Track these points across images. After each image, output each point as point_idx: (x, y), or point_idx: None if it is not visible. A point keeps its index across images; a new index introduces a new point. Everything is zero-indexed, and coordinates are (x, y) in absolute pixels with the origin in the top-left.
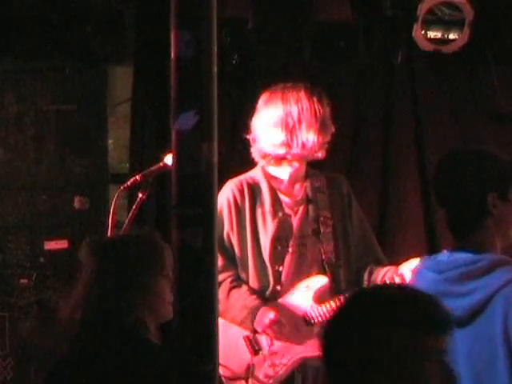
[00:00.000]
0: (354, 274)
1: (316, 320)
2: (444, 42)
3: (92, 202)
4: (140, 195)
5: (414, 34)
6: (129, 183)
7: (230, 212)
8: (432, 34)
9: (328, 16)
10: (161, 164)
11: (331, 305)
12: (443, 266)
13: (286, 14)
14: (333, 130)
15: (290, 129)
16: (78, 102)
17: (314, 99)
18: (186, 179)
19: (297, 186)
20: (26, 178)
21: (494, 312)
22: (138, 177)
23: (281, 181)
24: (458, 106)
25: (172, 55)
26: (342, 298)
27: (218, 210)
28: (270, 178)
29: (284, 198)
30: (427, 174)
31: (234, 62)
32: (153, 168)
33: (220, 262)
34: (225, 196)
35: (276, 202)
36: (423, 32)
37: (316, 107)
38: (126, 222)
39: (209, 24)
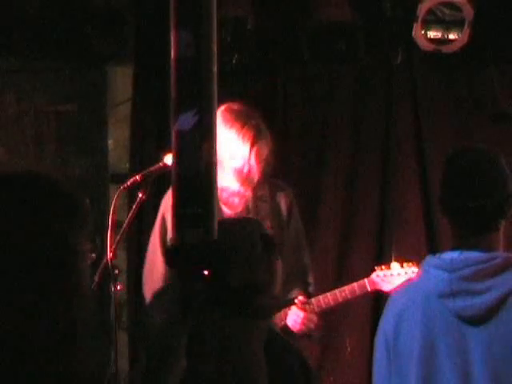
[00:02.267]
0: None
1: None
2: (444, 42)
3: (92, 202)
4: (140, 195)
5: (413, 34)
6: (129, 183)
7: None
8: (432, 34)
9: (328, 16)
10: (161, 164)
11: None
12: (456, 265)
13: (285, 14)
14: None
15: None
16: (78, 101)
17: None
18: (186, 179)
19: (237, 199)
20: None
21: (510, 310)
22: (137, 177)
23: (220, 191)
24: (457, 106)
25: (172, 55)
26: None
27: (161, 215)
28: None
29: (224, 209)
30: (427, 174)
31: (234, 61)
32: (153, 168)
33: (163, 269)
34: (168, 203)
35: (218, 212)
36: (423, 32)
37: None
38: (126, 221)
39: (209, 24)
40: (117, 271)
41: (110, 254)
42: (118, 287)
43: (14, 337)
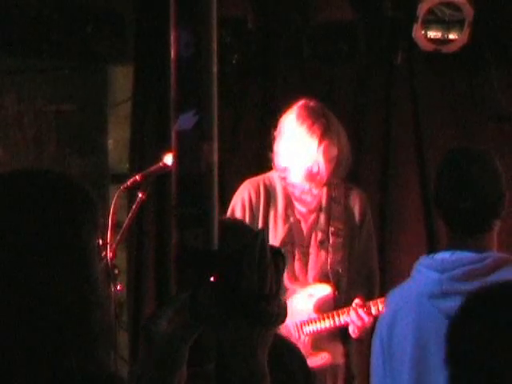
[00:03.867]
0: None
1: (307, 332)
2: (444, 41)
3: None
4: (140, 195)
5: (413, 34)
6: (129, 183)
7: (244, 212)
8: (432, 34)
9: (328, 16)
10: (161, 164)
11: (326, 322)
12: (447, 265)
13: (286, 13)
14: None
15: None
16: (78, 101)
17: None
18: (186, 179)
19: (308, 197)
20: None
21: None
22: (138, 177)
23: (292, 188)
24: (458, 106)
25: (172, 55)
26: (335, 315)
27: (231, 207)
28: (286, 182)
29: (298, 205)
30: (427, 174)
31: (234, 61)
32: (153, 168)
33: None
34: (240, 195)
35: (289, 207)
36: (423, 32)
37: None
38: (126, 221)
39: (209, 24)
40: (117, 271)
41: (109, 254)
42: (118, 287)
43: (26, 333)
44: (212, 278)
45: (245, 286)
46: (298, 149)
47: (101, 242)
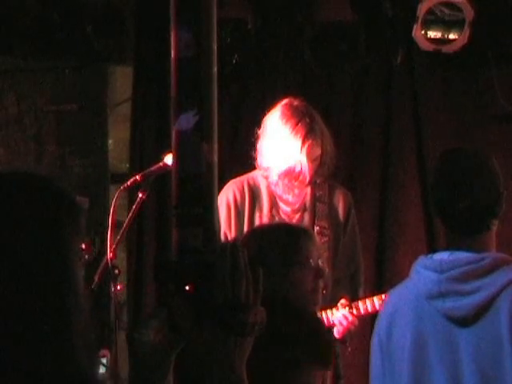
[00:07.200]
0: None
1: None
2: (444, 41)
3: (92, 202)
4: (140, 195)
5: (414, 34)
6: (129, 183)
7: (229, 212)
8: (432, 34)
9: (328, 16)
10: (161, 164)
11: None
12: (446, 265)
13: (285, 14)
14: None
15: None
16: (78, 101)
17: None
18: (186, 179)
19: (290, 197)
20: None
21: (499, 311)
22: (138, 177)
23: (275, 186)
24: (457, 106)
25: (172, 55)
26: (328, 311)
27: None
28: (269, 182)
29: (282, 205)
30: (427, 174)
31: (234, 61)
32: (153, 168)
33: None
34: (225, 196)
35: (274, 207)
36: (423, 32)
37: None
38: (126, 221)
39: (209, 24)
40: (117, 271)
41: (110, 254)
42: (118, 287)
43: (3, 335)
44: (187, 288)
45: (218, 296)
46: (282, 148)
47: (84, 246)
